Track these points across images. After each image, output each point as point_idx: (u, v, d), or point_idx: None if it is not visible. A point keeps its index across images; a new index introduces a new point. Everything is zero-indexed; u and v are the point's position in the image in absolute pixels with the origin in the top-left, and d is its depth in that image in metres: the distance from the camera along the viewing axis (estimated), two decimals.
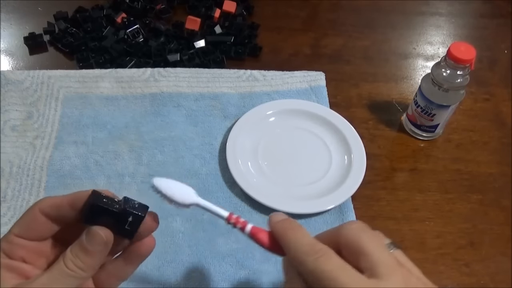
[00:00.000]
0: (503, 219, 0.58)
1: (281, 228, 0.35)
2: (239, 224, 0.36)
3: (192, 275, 0.50)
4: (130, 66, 0.69)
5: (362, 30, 0.81)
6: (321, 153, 0.61)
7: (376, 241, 0.32)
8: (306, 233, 0.34)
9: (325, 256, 0.31)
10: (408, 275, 0.31)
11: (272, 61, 0.74)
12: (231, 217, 0.37)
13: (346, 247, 0.33)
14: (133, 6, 0.77)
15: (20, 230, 0.33)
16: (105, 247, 0.33)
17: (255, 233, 0.36)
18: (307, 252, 0.32)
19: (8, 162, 0.57)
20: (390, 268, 0.30)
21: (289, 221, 0.36)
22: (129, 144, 0.60)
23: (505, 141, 0.66)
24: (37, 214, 0.33)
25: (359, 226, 0.34)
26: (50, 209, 0.34)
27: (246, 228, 0.36)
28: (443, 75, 0.58)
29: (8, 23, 0.77)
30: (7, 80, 0.64)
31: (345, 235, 0.33)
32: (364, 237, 0.32)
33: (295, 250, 0.33)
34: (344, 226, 0.34)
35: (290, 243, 0.34)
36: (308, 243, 0.33)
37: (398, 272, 0.30)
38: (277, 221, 0.36)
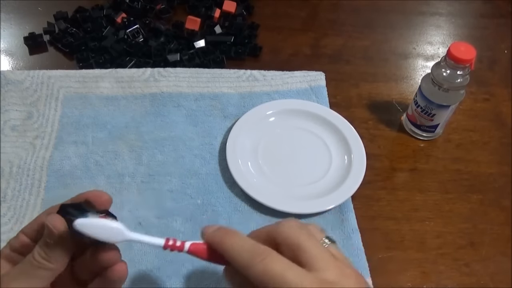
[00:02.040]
0: (503, 219, 0.58)
1: (218, 236, 0.35)
2: (176, 248, 0.35)
3: (192, 275, 0.50)
4: (130, 66, 0.69)
5: (362, 30, 0.81)
6: (321, 153, 0.61)
7: (312, 237, 0.35)
8: (244, 237, 0.35)
9: (269, 257, 0.33)
10: (342, 267, 0.34)
11: (272, 61, 0.74)
12: (167, 245, 0.35)
13: (285, 245, 0.34)
14: (133, 6, 0.77)
15: (29, 231, 0.36)
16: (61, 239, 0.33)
17: (193, 250, 0.36)
18: (251, 255, 0.33)
19: (8, 162, 0.57)
20: (326, 262, 0.33)
21: (223, 229, 0.36)
22: (129, 144, 0.60)
23: (505, 141, 0.66)
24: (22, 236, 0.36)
25: (296, 224, 0.36)
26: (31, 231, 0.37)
27: (185, 248, 0.36)
28: (443, 75, 0.58)
29: (8, 23, 0.77)
30: (7, 80, 0.64)
31: (283, 234, 0.35)
32: (301, 234, 0.34)
33: (238, 256, 0.34)
34: (281, 224, 0.36)
35: (231, 249, 0.34)
36: (249, 247, 0.34)
37: (333, 264, 0.33)
38: (212, 231, 0.36)
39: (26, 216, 0.53)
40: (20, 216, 0.53)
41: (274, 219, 0.55)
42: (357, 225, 0.55)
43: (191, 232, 0.53)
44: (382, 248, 0.54)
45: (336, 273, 0.32)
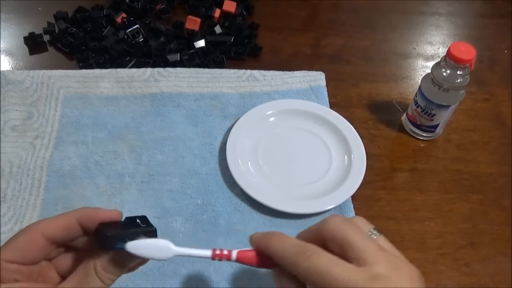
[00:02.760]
0: (503, 219, 0.58)
1: (263, 239, 0.36)
2: (225, 257, 0.36)
3: (192, 275, 0.50)
4: (130, 66, 0.69)
5: (362, 30, 0.81)
6: (321, 153, 0.61)
7: (358, 231, 0.34)
8: (290, 237, 0.35)
9: (315, 253, 0.32)
10: (392, 258, 0.33)
11: (272, 61, 0.74)
12: (215, 254, 0.36)
13: (332, 242, 0.34)
14: (133, 6, 0.77)
15: (14, 255, 0.32)
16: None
17: (242, 257, 0.36)
18: (296, 253, 0.33)
19: (8, 162, 0.57)
20: (375, 255, 0.32)
21: (269, 232, 0.36)
22: (129, 144, 0.60)
23: (505, 141, 0.66)
24: (38, 239, 0.33)
25: (341, 219, 0.35)
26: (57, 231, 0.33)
27: (232, 256, 0.36)
28: (443, 75, 0.58)
29: (8, 23, 0.77)
30: (7, 80, 0.64)
31: (329, 230, 0.34)
32: (348, 230, 0.33)
33: (285, 254, 0.34)
34: (326, 221, 0.35)
35: (278, 249, 0.34)
36: (295, 245, 0.34)
37: (384, 257, 0.32)
38: (257, 235, 0.37)
39: (26, 216, 0.53)
40: (20, 216, 0.53)
41: (274, 219, 0.55)
42: None
43: (191, 232, 0.53)
44: None
45: (386, 266, 0.31)
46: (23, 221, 0.52)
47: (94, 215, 0.34)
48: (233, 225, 0.54)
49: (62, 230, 0.34)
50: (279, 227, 0.54)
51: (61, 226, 0.34)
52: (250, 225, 0.54)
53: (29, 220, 0.52)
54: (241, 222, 0.54)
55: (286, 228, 0.54)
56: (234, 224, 0.54)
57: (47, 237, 0.33)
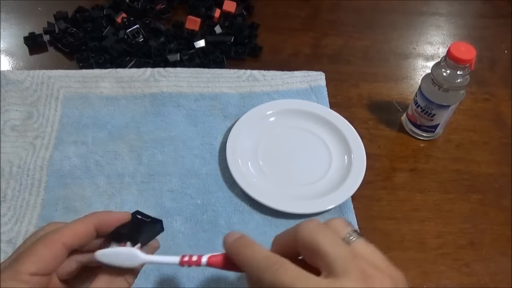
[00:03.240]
0: (503, 219, 0.58)
1: (235, 246, 0.35)
2: (194, 264, 0.36)
3: (192, 275, 0.50)
4: (130, 66, 0.69)
5: (362, 30, 0.81)
6: (321, 153, 0.61)
7: (331, 237, 0.32)
8: (260, 248, 0.34)
9: (281, 267, 0.31)
10: (364, 266, 0.31)
11: (272, 61, 0.74)
12: (183, 261, 0.36)
13: (303, 249, 0.33)
14: (133, 6, 0.77)
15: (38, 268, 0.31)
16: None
17: (212, 261, 0.36)
18: (263, 267, 0.32)
19: (8, 162, 0.57)
20: (344, 264, 0.30)
21: (243, 238, 0.35)
22: (129, 144, 0.60)
23: (505, 141, 0.66)
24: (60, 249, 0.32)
25: (314, 225, 0.33)
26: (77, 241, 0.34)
27: (202, 261, 0.36)
28: (443, 75, 0.58)
29: (8, 23, 0.77)
30: (7, 80, 0.64)
31: (301, 236, 0.33)
32: (318, 236, 0.32)
33: (251, 267, 0.33)
34: (299, 227, 0.34)
35: (246, 260, 0.33)
36: (263, 258, 0.33)
37: (353, 266, 0.30)
38: (232, 240, 0.36)
39: (26, 216, 0.53)
40: (20, 216, 0.53)
41: (274, 219, 0.55)
42: (357, 225, 0.55)
43: (191, 232, 0.53)
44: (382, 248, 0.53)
45: (356, 276, 0.30)
46: (23, 221, 0.52)
47: (109, 220, 0.35)
48: (233, 225, 0.54)
49: (80, 238, 0.34)
50: (279, 227, 0.54)
51: (79, 234, 0.34)
52: (250, 225, 0.54)
53: (29, 220, 0.52)
54: (241, 222, 0.54)
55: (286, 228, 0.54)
56: (234, 224, 0.54)
57: (67, 246, 0.33)
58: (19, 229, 0.52)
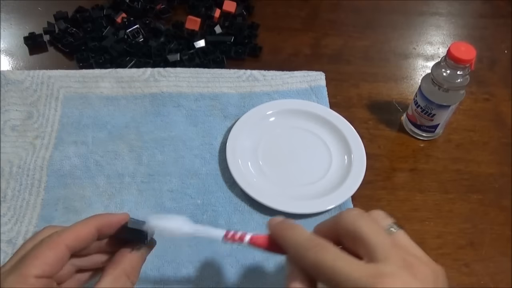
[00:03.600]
0: (503, 219, 0.58)
1: (279, 228, 0.36)
2: (237, 240, 0.37)
3: (192, 275, 0.50)
4: (130, 66, 0.69)
5: (362, 30, 0.81)
6: (321, 153, 0.61)
7: (373, 225, 0.32)
8: (303, 230, 0.35)
9: (323, 248, 0.32)
10: (404, 255, 0.31)
11: (272, 61, 0.74)
12: (228, 234, 0.37)
13: (345, 236, 0.33)
14: (133, 6, 0.77)
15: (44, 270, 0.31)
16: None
17: (254, 241, 0.37)
18: (305, 247, 0.33)
19: (8, 162, 0.57)
20: (386, 251, 0.31)
21: (286, 221, 0.37)
22: (129, 144, 0.60)
23: (505, 141, 0.66)
24: (64, 251, 0.33)
25: (356, 213, 0.34)
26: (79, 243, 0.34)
27: (245, 238, 0.37)
28: (443, 75, 0.58)
29: (8, 23, 0.77)
30: (7, 80, 0.64)
31: (343, 224, 0.33)
32: (360, 223, 0.32)
33: (295, 247, 0.34)
34: (341, 214, 0.34)
35: (289, 241, 0.34)
36: (306, 239, 0.34)
37: (396, 253, 0.31)
38: (275, 223, 0.37)
39: (26, 216, 0.53)
40: (20, 216, 0.53)
41: None
42: None
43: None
44: None
45: (396, 264, 0.30)
46: (23, 221, 0.52)
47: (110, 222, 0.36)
48: (233, 225, 0.54)
49: (83, 240, 0.34)
50: None
51: (81, 236, 0.34)
52: (250, 225, 0.54)
53: (29, 220, 0.52)
54: (241, 222, 0.54)
55: None
56: (234, 224, 0.54)
57: (70, 248, 0.33)
58: (19, 229, 0.52)
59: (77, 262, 0.36)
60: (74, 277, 0.37)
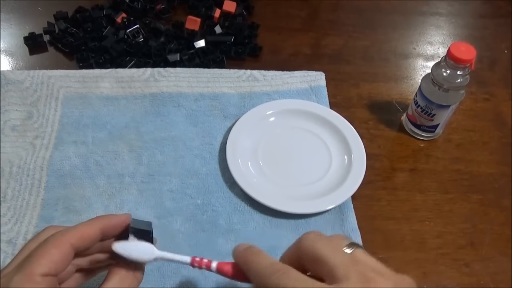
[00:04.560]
0: (503, 219, 0.58)
1: (243, 255, 0.37)
2: (204, 265, 0.38)
3: (192, 275, 0.50)
4: (130, 66, 0.69)
5: (362, 30, 0.81)
6: (321, 153, 0.61)
7: (330, 246, 0.33)
8: (266, 256, 0.35)
9: (285, 273, 0.32)
10: (364, 271, 0.32)
11: (272, 61, 0.74)
12: (194, 261, 0.38)
13: (306, 259, 0.34)
14: (133, 6, 0.77)
15: (50, 268, 0.32)
16: None
17: (220, 268, 0.38)
18: (267, 273, 0.33)
19: (8, 162, 0.57)
20: (345, 269, 0.31)
21: (250, 248, 0.37)
22: (129, 144, 0.60)
23: (505, 141, 0.66)
24: (69, 250, 0.33)
25: (315, 236, 0.35)
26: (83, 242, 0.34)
27: (212, 266, 0.38)
28: (443, 75, 0.58)
29: (8, 23, 0.77)
30: (7, 80, 0.64)
31: (303, 247, 0.34)
32: (319, 245, 0.33)
33: (258, 273, 0.34)
34: (301, 238, 0.35)
35: (252, 267, 0.35)
36: (268, 264, 0.34)
37: (354, 271, 0.31)
38: (241, 250, 0.37)
39: (26, 216, 0.53)
40: (20, 216, 0.53)
41: (274, 219, 0.55)
42: (357, 225, 0.55)
43: (191, 232, 0.53)
44: (382, 248, 0.54)
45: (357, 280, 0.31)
46: (23, 221, 0.52)
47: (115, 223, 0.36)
48: (233, 225, 0.54)
49: (87, 240, 0.34)
50: (279, 227, 0.54)
51: (85, 236, 0.34)
52: (250, 225, 0.54)
53: (29, 220, 0.52)
54: (241, 222, 0.54)
55: (286, 228, 0.54)
56: (234, 224, 0.54)
57: (75, 247, 0.33)
58: (19, 229, 0.52)
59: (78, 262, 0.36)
60: (73, 277, 0.37)
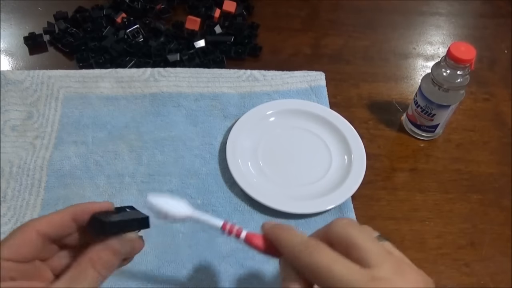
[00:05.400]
0: (503, 219, 0.58)
1: (275, 230, 0.36)
2: (234, 232, 0.37)
3: (192, 275, 0.50)
4: (130, 66, 0.69)
5: (362, 30, 0.81)
6: (321, 153, 0.61)
7: (364, 233, 0.33)
8: (299, 233, 0.36)
9: (318, 249, 0.32)
10: (398, 262, 0.32)
11: (272, 61, 0.74)
12: (226, 226, 0.37)
13: (338, 243, 0.34)
14: (133, 6, 0.77)
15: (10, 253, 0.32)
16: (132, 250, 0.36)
17: (250, 239, 0.37)
18: (300, 248, 0.33)
19: (8, 162, 0.57)
20: (380, 257, 0.31)
21: (281, 224, 0.37)
22: (129, 144, 0.60)
23: (505, 141, 0.66)
24: (33, 236, 0.33)
25: (348, 222, 0.35)
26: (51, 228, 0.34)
27: (241, 234, 0.37)
28: (443, 75, 0.58)
29: (8, 23, 0.77)
30: (7, 80, 0.64)
31: (335, 231, 0.34)
32: (353, 231, 0.33)
33: (290, 247, 0.34)
34: (333, 223, 0.35)
35: (284, 241, 0.35)
36: (301, 240, 0.34)
37: (389, 260, 0.31)
38: (270, 225, 0.37)
39: (26, 216, 0.53)
40: (20, 216, 0.53)
41: (274, 219, 0.55)
42: None
43: (191, 232, 0.53)
44: None
45: (390, 269, 0.31)
46: (23, 221, 0.52)
47: (86, 208, 0.35)
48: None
49: (56, 226, 0.34)
50: None
51: (54, 222, 0.34)
52: (250, 225, 0.54)
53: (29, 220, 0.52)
54: (241, 222, 0.54)
55: None
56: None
57: (42, 234, 0.33)
58: None
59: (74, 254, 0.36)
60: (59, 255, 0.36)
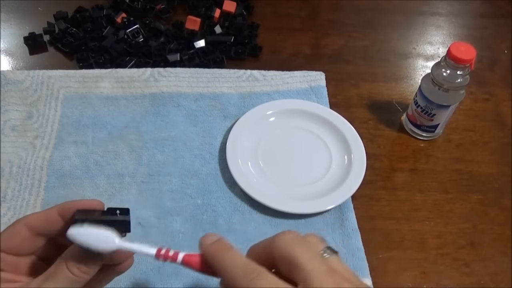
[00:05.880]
0: (503, 219, 0.58)
1: (213, 250, 0.34)
2: (169, 259, 0.35)
3: (192, 276, 0.50)
4: (130, 66, 0.69)
5: (362, 30, 0.81)
6: (321, 153, 0.61)
7: (308, 250, 0.32)
8: (238, 254, 0.34)
9: (258, 276, 0.31)
10: (340, 281, 0.31)
11: (272, 61, 0.74)
12: (160, 252, 0.35)
13: (280, 260, 0.33)
14: (133, 6, 0.77)
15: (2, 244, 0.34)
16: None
17: (188, 261, 0.35)
18: (240, 274, 0.32)
19: (8, 162, 0.57)
20: (321, 277, 0.31)
21: (221, 242, 0.35)
22: (129, 144, 0.60)
23: (505, 141, 0.66)
24: (21, 229, 0.35)
25: (291, 237, 0.34)
26: (38, 222, 0.35)
27: (178, 258, 0.35)
28: (443, 75, 0.58)
29: (8, 23, 0.77)
30: (7, 80, 0.64)
31: (279, 247, 0.33)
32: (296, 248, 0.32)
33: (229, 272, 0.33)
34: (276, 238, 0.34)
35: (224, 265, 0.33)
36: (241, 265, 0.33)
37: (330, 280, 0.31)
38: (209, 243, 0.35)
39: None
40: (20, 216, 0.52)
41: (274, 219, 0.55)
42: (357, 225, 0.55)
43: (191, 232, 0.53)
44: (382, 248, 0.54)
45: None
46: None
47: (74, 204, 0.35)
48: (233, 225, 0.54)
49: (44, 221, 0.35)
50: (279, 227, 0.54)
51: (42, 218, 0.36)
52: (250, 225, 0.54)
53: None
54: (241, 222, 0.54)
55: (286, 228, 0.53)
56: (234, 224, 0.54)
57: (31, 228, 0.35)
58: None
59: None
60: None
